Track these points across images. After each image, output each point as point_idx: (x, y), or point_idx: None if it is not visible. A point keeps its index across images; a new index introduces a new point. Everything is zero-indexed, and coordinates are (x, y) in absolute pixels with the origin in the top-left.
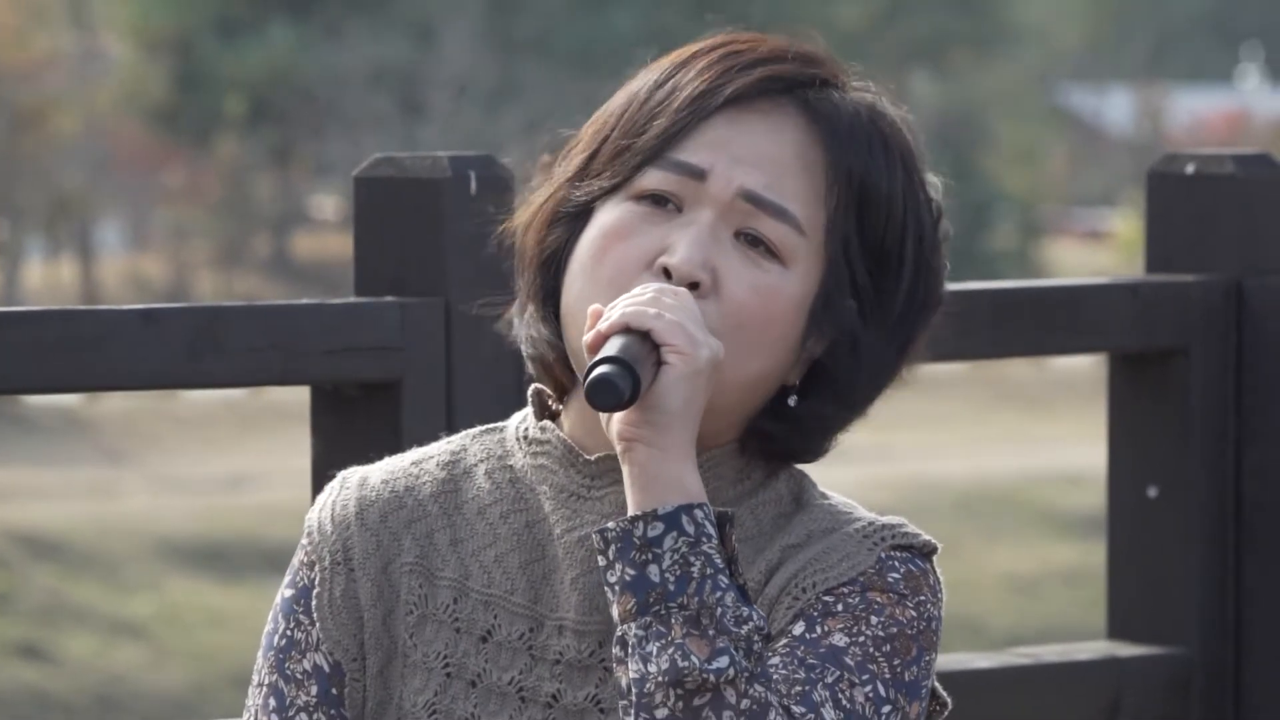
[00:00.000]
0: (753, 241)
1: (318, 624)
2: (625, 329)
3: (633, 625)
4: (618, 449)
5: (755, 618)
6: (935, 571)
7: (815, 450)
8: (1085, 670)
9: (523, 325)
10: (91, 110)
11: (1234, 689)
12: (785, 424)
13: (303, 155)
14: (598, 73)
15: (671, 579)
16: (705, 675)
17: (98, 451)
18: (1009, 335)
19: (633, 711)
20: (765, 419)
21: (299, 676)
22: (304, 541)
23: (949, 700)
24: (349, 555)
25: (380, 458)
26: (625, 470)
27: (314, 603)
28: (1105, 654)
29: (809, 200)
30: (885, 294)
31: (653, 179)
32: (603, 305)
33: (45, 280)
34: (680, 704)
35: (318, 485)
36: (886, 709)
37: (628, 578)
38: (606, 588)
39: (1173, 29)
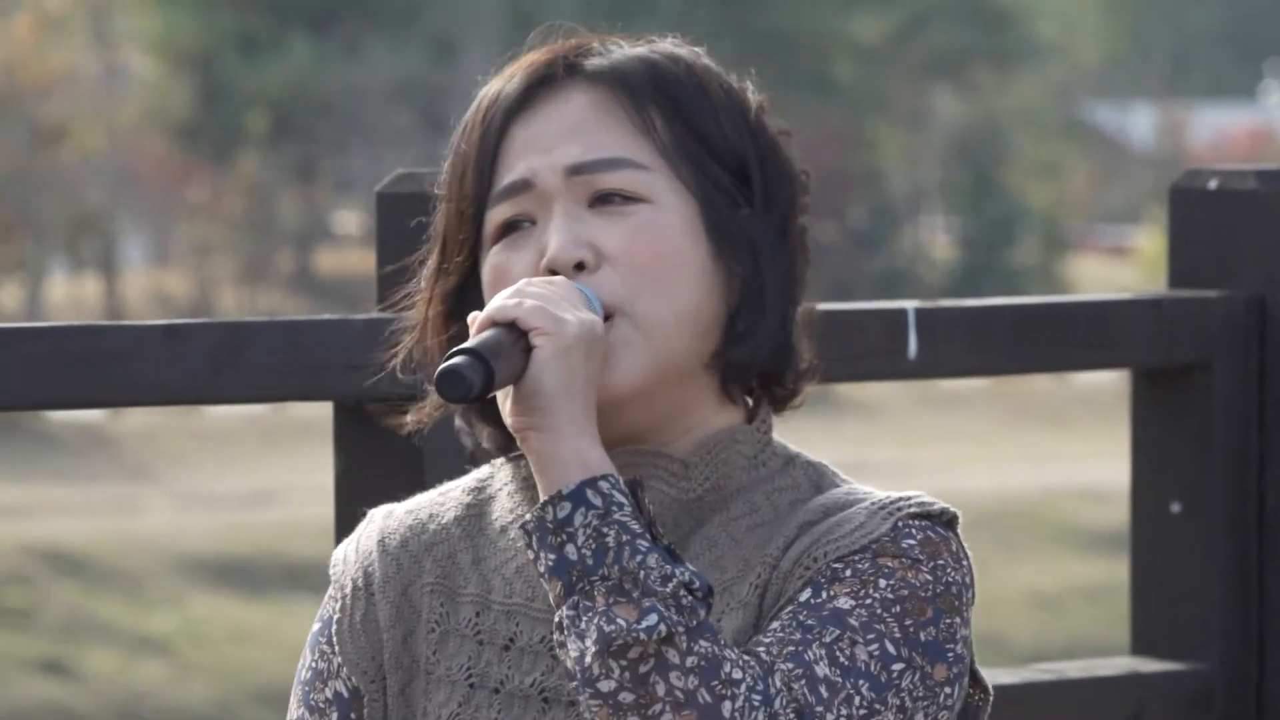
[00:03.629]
0: (607, 199)
1: (337, 650)
2: (491, 324)
3: (564, 607)
4: (518, 442)
5: (680, 573)
6: (959, 539)
7: (778, 359)
8: (1108, 686)
9: (468, 429)
10: (113, 126)
11: (1257, 704)
12: (741, 345)
13: (325, 171)
14: None
15: (589, 553)
16: (635, 635)
17: (120, 467)
18: (1031, 350)
19: (580, 689)
20: (726, 351)
21: (321, 705)
22: (331, 574)
23: (991, 689)
24: (369, 581)
25: (402, 473)
26: (530, 461)
27: (333, 629)
28: (1128, 669)
29: (632, 139)
30: (750, 186)
31: (494, 216)
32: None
33: (68, 296)
34: (627, 674)
35: (341, 501)
36: (898, 667)
37: (550, 562)
38: (541, 580)
39: (1193, 45)
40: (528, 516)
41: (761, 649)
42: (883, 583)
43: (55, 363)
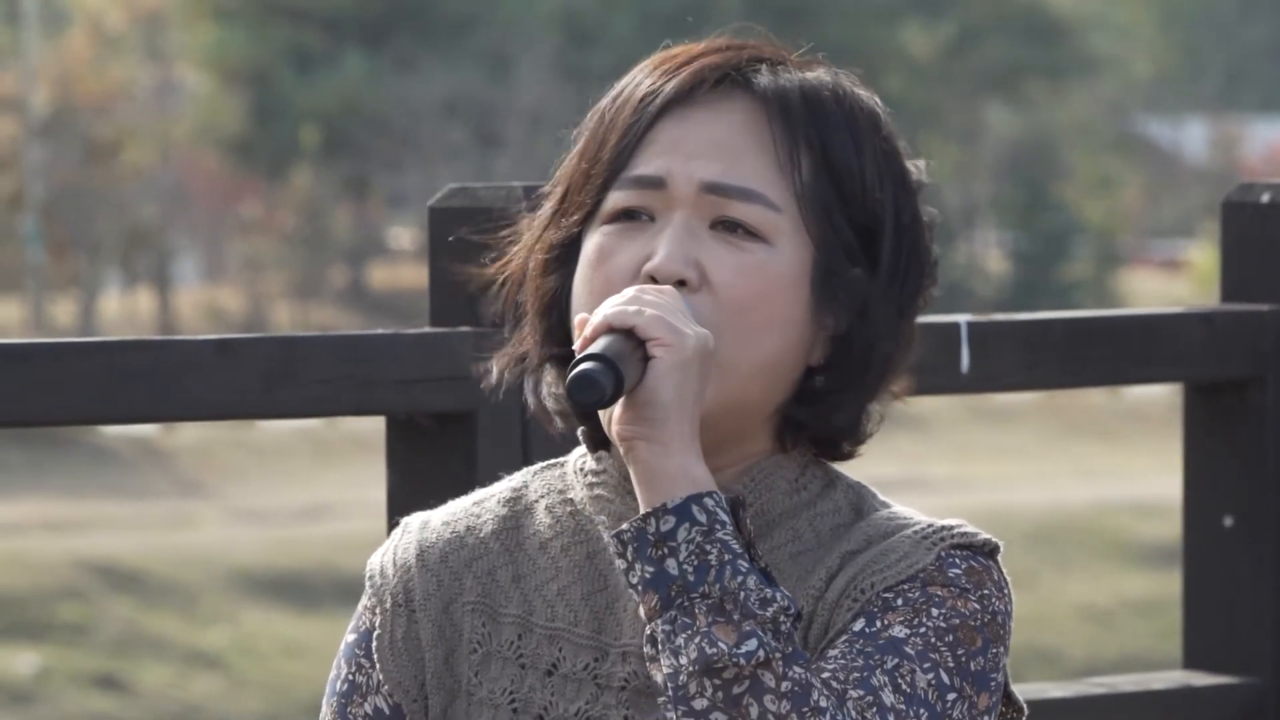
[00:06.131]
0: (730, 227)
1: (378, 666)
2: (609, 329)
3: (659, 622)
4: (620, 450)
5: (780, 598)
6: (1000, 568)
7: (849, 429)
8: (1161, 700)
9: (541, 381)
10: (167, 142)
11: None
12: (813, 406)
13: (378, 186)
14: None
15: (690, 569)
16: (735, 659)
17: (173, 482)
18: (1083, 364)
19: (672, 706)
20: (793, 406)
21: None
22: (366, 586)
23: (1025, 706)
24: (410, 597)
25: (455, 486)
26: (631, 470)
27: (374, 644)
28: (1181, 684)
29: (773, 175)
30: (878, 256)
31: (616, 199)
32: (589, 315)
33: (122, 311)
34: (720, 694)
35: (393, 515)
36: (951, 696)
37: (647, 575)
38: (630, 589)
39: (1246, 59)
40: (624, 526)
41: (827, 674)
42: (935, 611)
43: (109, 378)
